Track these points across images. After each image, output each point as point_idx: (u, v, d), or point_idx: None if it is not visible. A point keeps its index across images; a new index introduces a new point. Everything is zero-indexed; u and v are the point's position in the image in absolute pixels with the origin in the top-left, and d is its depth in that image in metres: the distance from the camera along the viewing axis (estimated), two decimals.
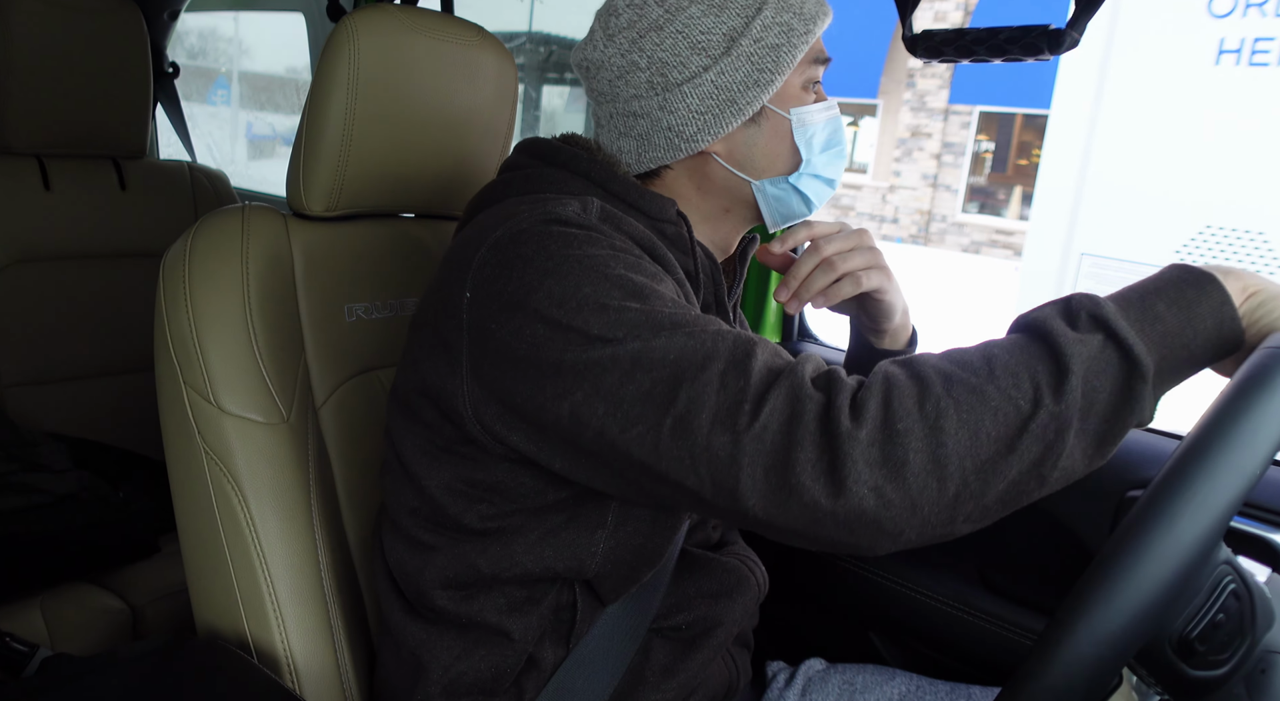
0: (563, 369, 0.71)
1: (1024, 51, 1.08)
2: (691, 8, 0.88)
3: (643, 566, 0.89)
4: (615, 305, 0.72)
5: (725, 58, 0.87)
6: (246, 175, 9.68)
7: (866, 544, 0.65)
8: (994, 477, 0.62)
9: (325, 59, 1.03)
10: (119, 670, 0.88)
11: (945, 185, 12.63)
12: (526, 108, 7.25)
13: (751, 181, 0.93)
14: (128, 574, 1.59)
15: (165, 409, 1.02)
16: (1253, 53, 4.08)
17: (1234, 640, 0.61)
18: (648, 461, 0.69)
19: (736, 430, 0.65)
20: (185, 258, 1.01)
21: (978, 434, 0.62)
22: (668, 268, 0.85)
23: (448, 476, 0.84)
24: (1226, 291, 0.66)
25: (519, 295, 0.74)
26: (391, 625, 0.93)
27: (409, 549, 0.90)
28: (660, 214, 0.89)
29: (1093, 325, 0.65)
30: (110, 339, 1.87)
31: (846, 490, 0.62)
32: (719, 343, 0.69)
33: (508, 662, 0.89)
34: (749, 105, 0.89)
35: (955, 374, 0.64)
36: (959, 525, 0.64)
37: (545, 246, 0.76)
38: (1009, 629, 1.23)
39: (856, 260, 0.92)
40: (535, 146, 0.93)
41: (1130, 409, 0.63)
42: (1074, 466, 0.63)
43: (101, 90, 1.80)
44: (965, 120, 12.38)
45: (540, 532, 0.84)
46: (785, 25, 0.88)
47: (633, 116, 0.91)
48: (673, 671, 0.95)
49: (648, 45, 0.88)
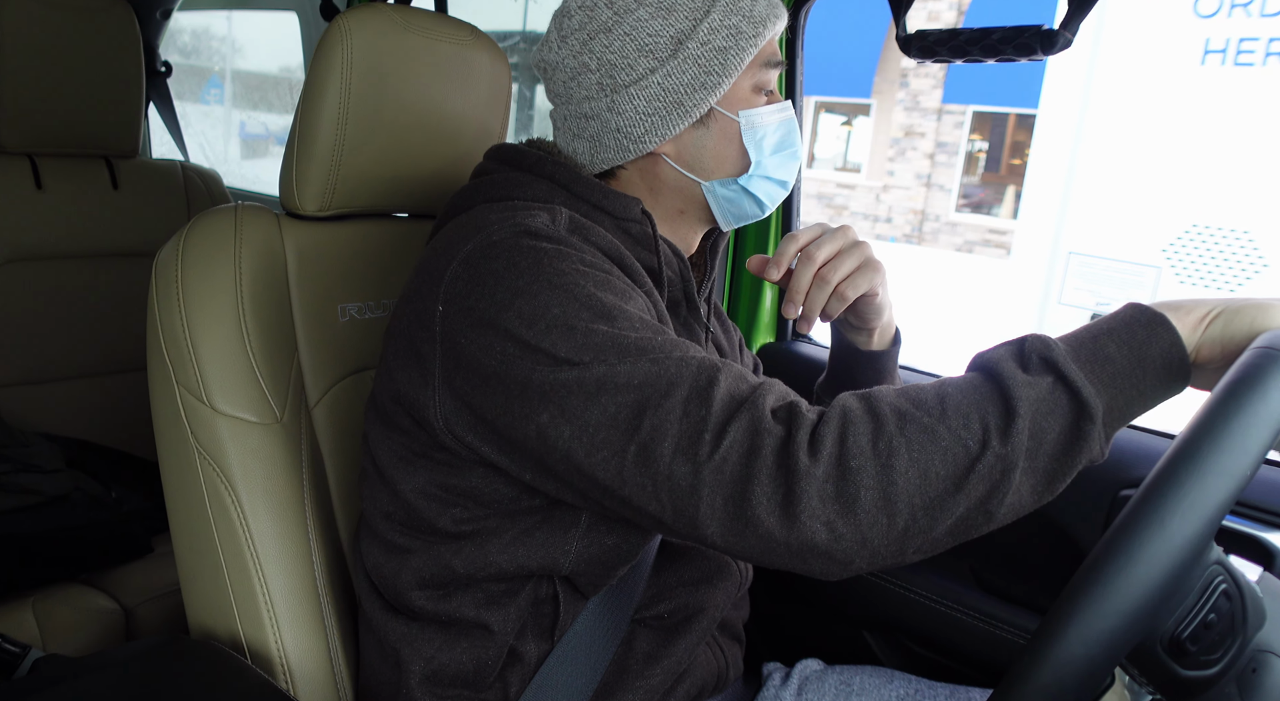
0: (530, 389, 0.73)
1: (1017, 52, 1.09)
2: (640, 10, 0.88)
3: (617, 564, 0.90)
4: (583, 327, 0.73)
5: (672, 60, 0.88)
6: (240, 174, 9.65)
7: (819, 571, 0.68)
8: (941, 514, 0.65)
9: (318, 58, 1.03)
10: (112, 671, 0.88)
11: (939, 185, 12.65)
12: (521, 107, 7.24)
13: (701, 182, 0.94)
14: (120, 574, 1.58)
15: (158, 409, 1.01)
16: (1238, 53, 4.10)
17: (1225, 639, 0.62)
18: (612, 486, 0.71)
19: (697, 461, 0.68)
20: (178, 257, 1.01)
21: (927, 473, 0.65)
22: (636, 279, 0.86)
23: (422, 481, 0.86)
24: (1176, 332, 0.67)
25: (490, 312, 0.76)
26: (373, 623, 0.94)
27: (385, 552, 0.91)
28: (625, 213, 0.90)
29: (1043, 367, 0.67)
30: (103, 339, 1.87)
31: (800, 523, 0.65)
32: (683, 369, 0.71)
33: (489, 655, 0.90)
34: (695, 107, 0.90)
35: (910, 412, 0.67)
36: (908, 555, 0.67)
37: (516, 262, 0.77)
38: (1002, 628, 1.23)
39: (848, 264, 0.91)
40: (501, 151, 0.95)
41: (1079, 448, 0.65)
42: (1021, 502, 0.66)
43: (94, 89, 1.79)
44: (959, 120, 12.40)
45: (514, 534, 0.86)
46: (733, 28, 0.89)
47: (584, 118, 0.92)
48: (656, 657, 0.96)
49: (597, 47, 0.89)
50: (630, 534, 0.88)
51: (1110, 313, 0.70)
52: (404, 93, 1.07)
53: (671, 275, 0.94)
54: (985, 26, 1.11)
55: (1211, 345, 0.68)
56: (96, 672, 0.87)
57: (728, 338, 1.13)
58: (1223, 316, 0.68)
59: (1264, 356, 0.60)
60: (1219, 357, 0.68)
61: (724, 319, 1.16)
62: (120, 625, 1.50)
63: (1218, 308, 0.69)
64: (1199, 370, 0.69)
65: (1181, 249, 4.21)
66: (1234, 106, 4.07)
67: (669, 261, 0.93)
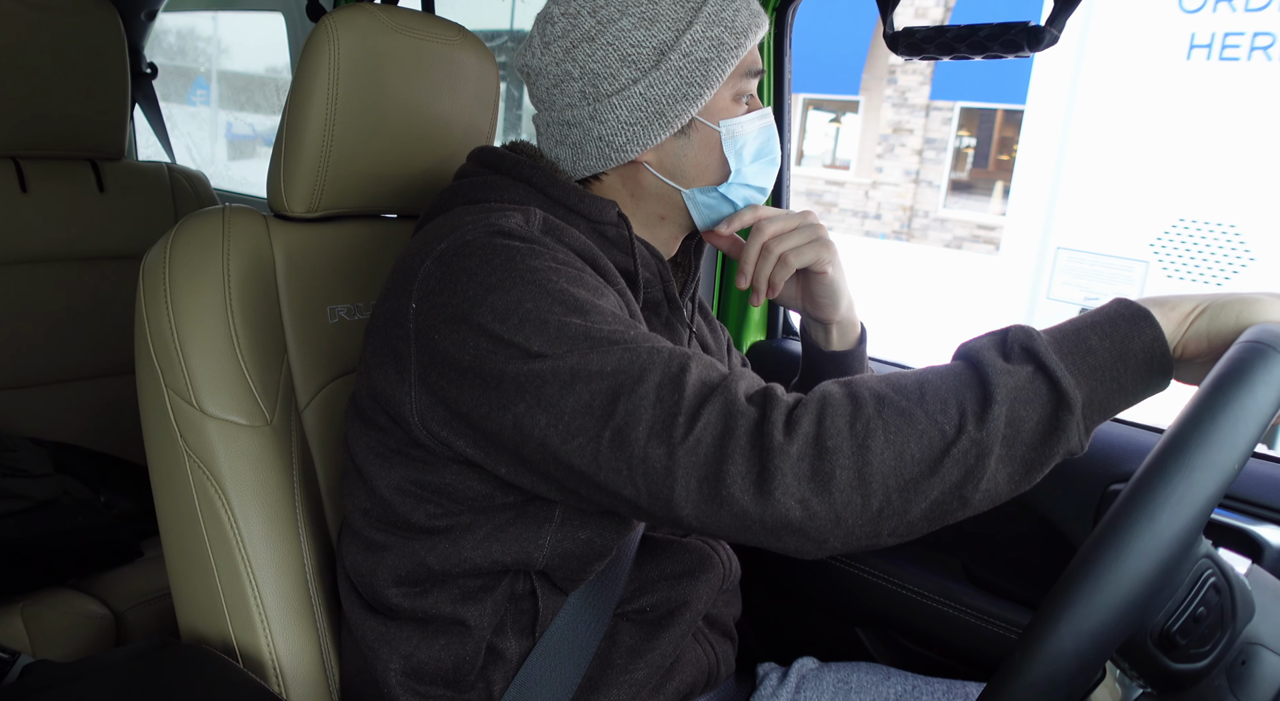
0: (504, 381, 0.74)
1: (1004, 48, 1.09)
2: (623, 20, 0.89)
3: (592, 559, 0.90)
4: (555, 321, 0.74)
5: (654, 71, 0.89)
6: (226, 176, 9.61)
7: (794, 549, 0.69)
8: (916, 496, 0.66)
9: (305, 59, 1.02)
10: (102, 676, 0.87)
11: (927, 181, 12.68)
12: (509, 107, 7.22)
13: (682, 190, 0.95)
14: (110, 578, 1.57)
15: (147, 412, 1.01)
16: (1223, 47, 4.12)
17: (1215, 633, 0.62)
18: (588, 471, 0.72)
19: (671, 443, 0.68)
20: (165, 260, 1.00)
21: (903, 455, 0.65)
22: (609, 279, 0.87)
23: (397, 477, 0.86)
24: (1160, 327, 0.67)
25: (463, 308, 0.77)
26: (352, 622, 0.95)
27: (362, 550, 0.92)
28: (600, 216, 0.91)
29: (1024, 357, 0.67)
30: (90, 342, 1.86)
31: (774, 500, 0.66)
32: (654, 357, 0.72)
33: (467, 652, 0.90)
34: (677, 118, 0.91)
35: (889, 396, 0.68)
36: (884, 538, 0.68)
37: (489, 260, 0.78)
38: (994, 623, 1.23)
39: (796, 238, 0.95)
40: (483, 155, 0.96)
41: (1057, 438, 0.66)
42: (998, 489, 0.66)
43: (78, 91, 1.78)
44: (947, 116, 12.43)
45: (488, 529, 0.86)
46: (715, 39, 0.90)
47: (567, 125, 0.93)
48: (640, 651, 0.96)
49: (580, 56, 0.90)
50: (605, 528, 0.88)
51: (1097, 307, 0.71)
52: (391, 93, 1.07)
53: (649, 276, 0.95)
54: (972, 23, 1.11)
55: (1198, 340, 0.68)
56: (87, 678, 0.87)
57: (714, 337, 1.14)
58: (1208, 311, 0.68)
59: (1250, 351, 0.60)
60: (1205, 352, 0.68)
61: (710, 319, 1.17)
62: (110, 630, 1.49)
63: (1203, 303, 0.69)
64: (1186, 365, 0.69)
65: (1169, 243, 4.23)
66: (1220, 101, 4.09)
67: (646, 263, 0.94)
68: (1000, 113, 12.50)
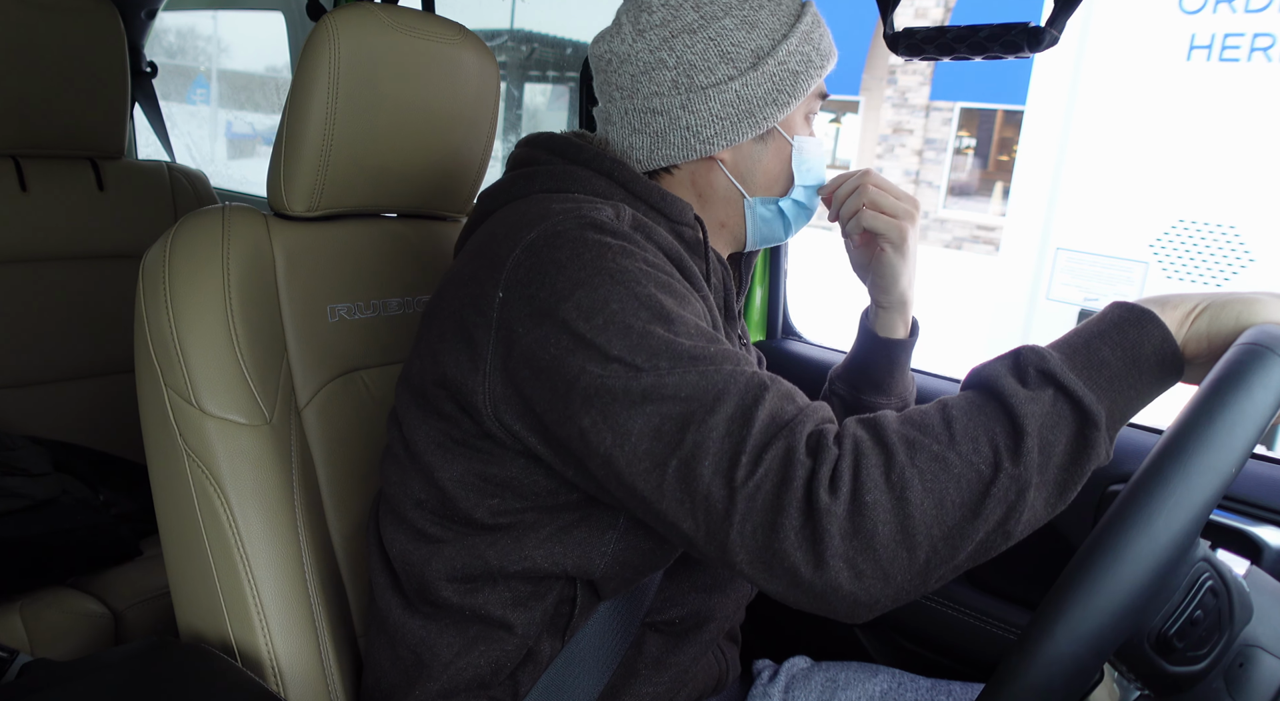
0: (575, 388, 0.72)
1: (1004, 49, 1.09)
2: (726, 19, 0.91)
3: (648, 569, 0.89)
4: (640, 327, 0.72)
5: (751, 72, 0.91)
6: (226, 175, 9.59)
7: (843, 613, 0.66)
8: (962, 541, 0.64)
9: (305, 58, 1.02)
10: (101, 675, 0.87)
11: (927, 181, 12.68)
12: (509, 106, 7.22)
13: (746, 197, 0.97)
14: (109, 577, 1.57)
15: (146, 411, 1.01)
16: (1223, 48, 4.12)
17: (1212, 636, 0.62)
18: (650, 498, 0.70)
19: (733, 484, 0.66)
20: (165, 259, 1.00)
21: (943, 502, 0.64)
22: (694, 283, 0.86)
23: (461, 470, 0.84)
24: (1165, 326, 0.67)
25: (550, 302, 0.75)
26: (389, 623, 0.92)
27: (414, 540, 0.89)
28: (679, 217, 0.91)
29: (1042, 380, 0.66)
30: (90, 341, 1.86)
31: (826, 565, 0.64)
32: (731, 383, 0.70)
33: (507, 656, 0.89)
34: (764, 121, 0.93)
35: (918, 440, 0.66)
36: (931, 585, 0.66)
37: (580, 253, 0.76)
38: (992, 623, 1.23)
39: (886, 202, 0.98)
40: (551, 142, 0.94)
41: (1087, 456, 0.65)
42: (1036, 517, 0.66)
43: (78, 90, 1.78)
44: (946, 116, 12.44)
45: (552, 529, 0.85)
46: (805, 56, 0.93)
47: (651, 113, 0.93)
48: (664, 664, 0.96)
49: (678, 46, 0.91)
50: (666, 540, 0.87)
51: (1097, 314, 0.70)
52: (391, 93, 1.07)
53: (717, 283, 0.95)
54: (972, 24, 1.11)
55: (1198, 340, 0.68)
56: (85, 677, 0.87)
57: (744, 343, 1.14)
58: (1208, 311, 0.68)
59: (1249, 352, 0.60)
60: (1205, 352, 0.68)
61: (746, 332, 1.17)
62: (109, 629, 1.49)
63: (1203, 302, 0.69)
64: (1186, 365, 0.69)
65: (1169, 244, 4.22)
66: (1220, 102, 4.09)
67: (715, 269, 0.94)
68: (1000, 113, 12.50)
